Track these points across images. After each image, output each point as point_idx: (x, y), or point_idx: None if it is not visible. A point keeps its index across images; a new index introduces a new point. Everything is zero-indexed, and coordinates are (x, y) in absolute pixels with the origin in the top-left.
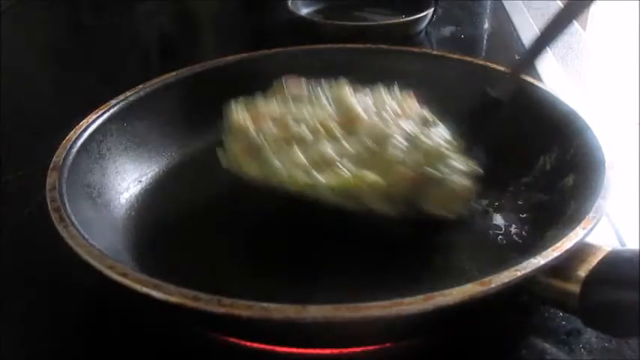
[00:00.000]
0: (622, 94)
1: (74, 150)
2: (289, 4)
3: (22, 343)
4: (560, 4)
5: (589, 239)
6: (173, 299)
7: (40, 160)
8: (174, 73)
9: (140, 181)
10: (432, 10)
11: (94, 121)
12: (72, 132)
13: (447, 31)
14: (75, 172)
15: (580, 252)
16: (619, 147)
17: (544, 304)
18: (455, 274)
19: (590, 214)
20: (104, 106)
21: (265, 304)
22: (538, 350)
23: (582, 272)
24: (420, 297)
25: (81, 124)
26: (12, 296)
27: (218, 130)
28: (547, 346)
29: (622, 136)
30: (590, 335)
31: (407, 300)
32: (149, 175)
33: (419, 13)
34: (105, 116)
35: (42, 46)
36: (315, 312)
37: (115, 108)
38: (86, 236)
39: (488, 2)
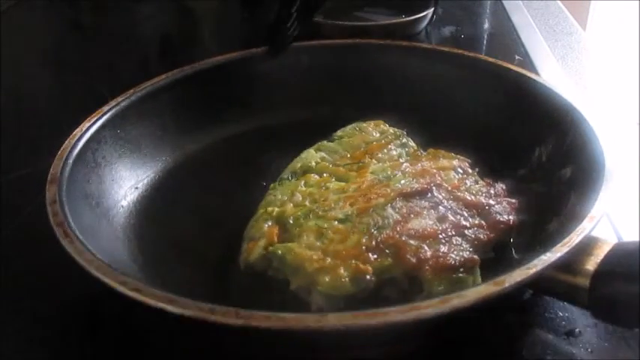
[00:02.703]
0: (622, 94)
1: (70, 161)
2: None
3: (21, 344)
4: (560, 5)
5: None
6: (189, 313)
7: (40, 160)
8: (164, 76)
9: (137, 188)
10: (432, 10)
11: (87, 129)
12: (66, 142)
13: (447, 31)
14: (73, 183)
15: (586, 246)
16: (619, 147)
17: (553, 297)
18: None
19: (595, 208)
20: (96, 113)
21: (282, 315)
22: (538, 350)
23: (590, 266)
24: (437, 300)
25: (74, 132)
26: (11, 296)
27: (210, 131)
28: (548, 345)
29: (622, 136)
30: (590, 335)
31: (424, 303)
32: (145, 182)
33: (419, 13)
34: (98, 123)
35: (42, 46)
36: (335, 320)
37: (108, 115)
38: (93, 251)
39: (488, 2)
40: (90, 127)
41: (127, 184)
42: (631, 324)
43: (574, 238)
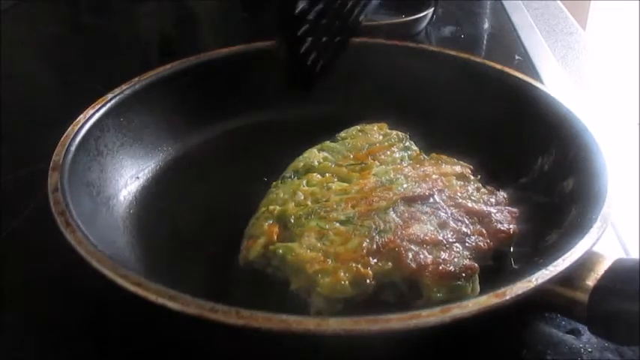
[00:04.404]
0: (622, 94)
1: (73, 148)
2: None
3: (22, 344)
4: (560, 5)
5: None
6: (190, 311)
7: (40, 159)
8: (168, 66)
9: (137, 178)
10: (432, 10)
11: (91, 117)
12: (69, 128)
13: (447, 31)
14: (75, 171)
15: (586, 261)
16: (619, 147)
17: (551, 311)
18: None
19: (597, 223)
20: (100, 100)
21: (283, 316)
22: (539, 349)
23: (590, 282)
24: (438, 309)
25: (78, 119)
26: (11, 296)
27: (213, 124)
28: (548, 345)
29: (622, 136)
30: (590, 335)
31: (425, 312)
32: (146, 171)
33: (419, 13)
34: (102, 111)
35: (42, 46)
36: (335, 325)
37: (112, 102)
38: (94, 242)
39: (488, 2)
40: (93, 115)
41: (128, 173)
42: (628, 341)
43: (576, 253)
